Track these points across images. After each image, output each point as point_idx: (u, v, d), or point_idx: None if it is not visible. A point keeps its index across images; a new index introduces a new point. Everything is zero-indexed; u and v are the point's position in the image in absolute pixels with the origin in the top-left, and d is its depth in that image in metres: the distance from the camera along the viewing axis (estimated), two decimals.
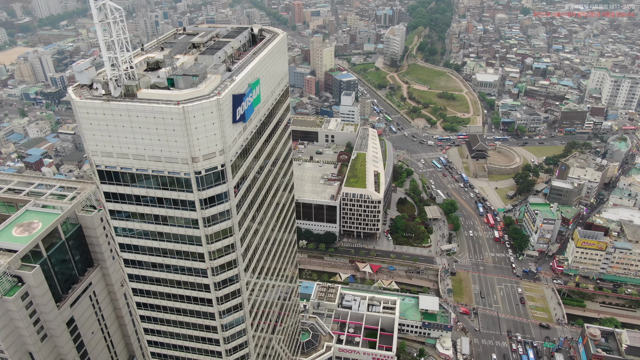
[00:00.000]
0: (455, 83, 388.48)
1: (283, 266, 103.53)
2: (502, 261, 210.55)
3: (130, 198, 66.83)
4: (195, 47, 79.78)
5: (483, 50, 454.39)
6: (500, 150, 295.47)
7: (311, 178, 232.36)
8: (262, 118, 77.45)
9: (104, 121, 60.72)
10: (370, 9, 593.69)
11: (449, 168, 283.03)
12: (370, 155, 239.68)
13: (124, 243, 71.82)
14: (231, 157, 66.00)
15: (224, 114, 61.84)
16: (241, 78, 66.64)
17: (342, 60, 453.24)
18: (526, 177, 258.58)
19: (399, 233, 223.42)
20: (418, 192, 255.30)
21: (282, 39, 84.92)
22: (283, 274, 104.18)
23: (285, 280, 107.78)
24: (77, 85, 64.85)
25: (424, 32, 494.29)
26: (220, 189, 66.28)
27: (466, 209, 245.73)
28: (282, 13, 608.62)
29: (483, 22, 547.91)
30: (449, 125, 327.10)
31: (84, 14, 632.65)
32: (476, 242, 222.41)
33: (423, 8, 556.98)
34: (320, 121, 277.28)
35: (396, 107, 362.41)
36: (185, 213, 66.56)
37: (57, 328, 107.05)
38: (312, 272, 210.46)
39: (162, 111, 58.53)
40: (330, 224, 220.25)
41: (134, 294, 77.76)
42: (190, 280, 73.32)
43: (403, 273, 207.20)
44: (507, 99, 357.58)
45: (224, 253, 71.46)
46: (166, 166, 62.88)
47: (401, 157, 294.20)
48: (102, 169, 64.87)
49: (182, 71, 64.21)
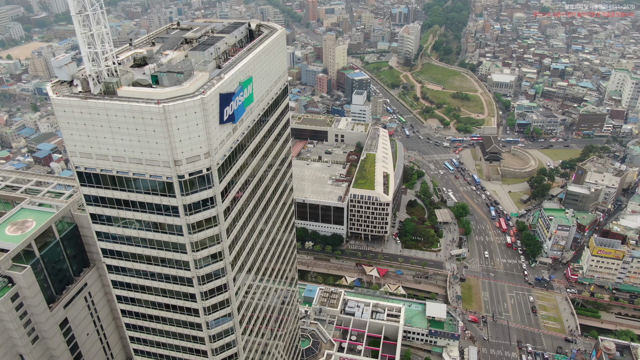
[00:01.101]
0: (470, 83, 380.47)
1: (279, 271, 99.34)
2: (514, 268, 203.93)
3: (111, 202, 63.13)
4: (187, 42, 75.76)
5: (500, 50, 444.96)
6: (514, 152, 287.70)
7: (319, 178, 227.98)
8: (255, 118, 73.17)
9: (81, 120, 56.99)
10: (385, 7, 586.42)
11: (461, 170, 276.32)
12: (380, 156, 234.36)
13: (107, 248, 68.25)
14: (218, 160, 61.85)
15: (209, 114, 57.67)
16: (230, 76, 62.40)
17: (355, 58, 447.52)
18: (541, 181, 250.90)
19: (408, 236, 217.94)
20: (429, 195, 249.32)
21: (280, 34, 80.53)
22: (279, 279, 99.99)
23: (283, 285, 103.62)
24: (57, 82, 61.21)
25: (440, 30, 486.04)
26: (206, 194, 62.20)
27: (478, 212, 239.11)
28: (296, 10, 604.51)
29: (500, 21, 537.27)
30: (463, 126, 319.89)
31: None
32: (487, 247, 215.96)
33: (439, 6, 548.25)
34: (330, 120, 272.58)
35: (409, 107, 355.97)
36: (168, 219, 62.63)
37: (49, 330, 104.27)
38: (317, 274, 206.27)
39: (141, 110, 54.57)
40: (338, 226, 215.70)
41: (119, 301, 74.26)
42: (176, 289, 69.46)
43: (411, 278, 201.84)
44: (523, 100, 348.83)
45: (210, 261, 67.42)
46: (147, 169, 58.96)
47: (412, 158, 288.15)
48: (82, 170, 61.22)
49: (166, 68, 60.20)
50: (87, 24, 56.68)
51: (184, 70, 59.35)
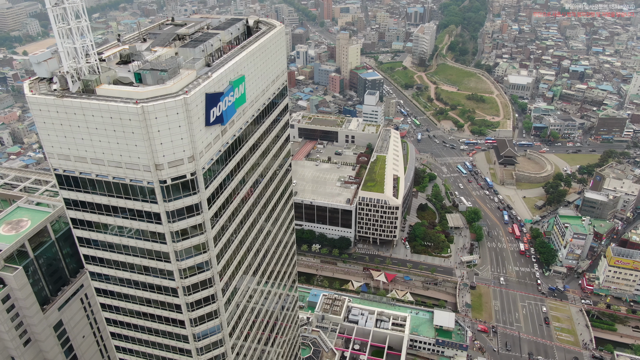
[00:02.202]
0: (486, 85, 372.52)
1: (276, 278, 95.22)
2: (527, 276, 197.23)
3: (91, 206, 59.54)
4: (180, 39, 71.97)
5: (517, 51, 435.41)
6: (530, 156, 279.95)
7: (328, 180, 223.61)
8: (249, 120, 69.05)
9: (57, 120, 53.40)
10: (401, 6, 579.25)
11: (474, 174, 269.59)
12: (391, 158, 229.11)
13: (89, 255, 64.79)
14: (204, 164, 57.83)
15: (193, 115, 53.65)
16: (219, 74, 58.34)
17: (369, 58, 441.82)
18: (557, 186, 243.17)
19: (418, 241, 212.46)
20: (440, 199, 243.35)
21: (278, 31, 76.29)
22: (276, 285, 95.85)
23: (280, 291, 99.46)
24: (36, 79, 57.77)
25: (456, 31, 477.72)
26: (191, 200, 58.21)
27: (491, 218, 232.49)
28: (311, 9, 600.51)
29: (519, 21, 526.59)
30: (477, 128, 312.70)
31: (116, 6, 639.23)
32: (499, 254, 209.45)
33: (456, 6, 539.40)
34: (341, 121, 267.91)
35: (422, 108, 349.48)
36: (150, 226, 58.79)
37: (41, 332, 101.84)
38: (323, 278, 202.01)
39: (118, 110, 50.75)
40: (345, 229, 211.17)
41: (103, 309, 70.82)
42: (161, 299, 65.66)
43: (419, 284, 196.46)
44: (540, 103, 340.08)
45: (196, 271, 63.47)
46: (127, 173, 55.18)
47: (424, 160, 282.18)
48: (60, 172, 57.70)
49: (150, 65, 56.36)
50: (64, 17, 53.01)
51: (168, 68, 55.46)
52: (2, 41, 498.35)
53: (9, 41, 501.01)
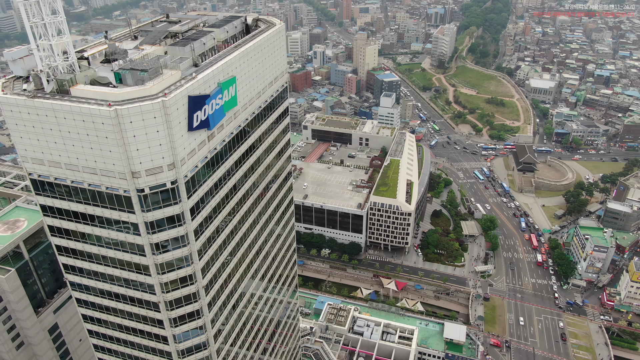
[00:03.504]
0: (506, 88, 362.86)
1: (272, 289, 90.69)
2: (544, 289, 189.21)
3: (68, 214, 55.84)
4: (172, 37, 67.93)
5: (540, 54, 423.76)
6: (550, 163, 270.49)
7: (339, 183, 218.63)
8: (241, 124, 64.67)
9: (30, 122, 49.79)
10: (421, 7, 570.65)
11: (491, 180, 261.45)
12: (405, 162, 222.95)
13: (68, 264, 61.14)
14: (186, 172, 53.62)
15: (173, 119, 49.46)
16: (205, 75, 54.04)
17: (387, 59, 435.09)
18: (578, 195, 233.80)
19: (430, 249, 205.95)
20: (455, 205, 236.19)
21: (277, 30, 71.80)
22: (271, 297, 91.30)
23: (277, 299, 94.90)
24: (11, 78, 54.27)
25: (477, 32, 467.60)
26: (172, 211, 54.08)
27: (507, 227, 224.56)
28: (330, 9, 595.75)
29: (542, 24, 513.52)
30: (496, 133, 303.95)
31: (137, 4, 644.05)
32: (516, 264, 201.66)
33: (478, 7, 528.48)
34: (355, 123, 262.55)
35: (440, 111, 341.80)
36: (129, 237, 54.85)
37: (35, 336, 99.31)
38: (332, 284, 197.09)
39: (90, 113, 46.81)
40: (356, 234, 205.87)
41: (84, 321, 67.22)
42: (142, 314, 61.77)
43: (431, 293, 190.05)
44: (562, 108, 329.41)
45: (179, 285, 59.36)
46: (103, 180, 51.28)
47: (440, 165, 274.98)
48: (35, 177, 54.13)
49: (130, 65, 52.36)
50: (38, 12, 49.29)
51: (149, 67, 51.37)
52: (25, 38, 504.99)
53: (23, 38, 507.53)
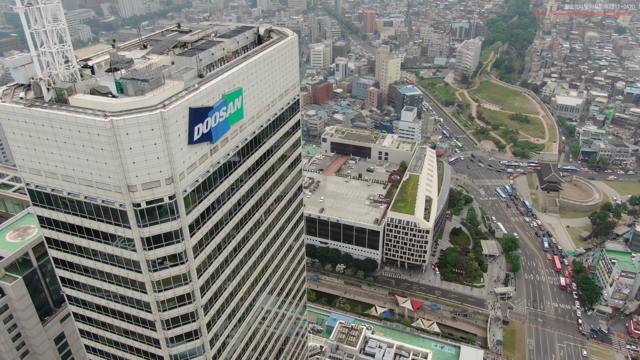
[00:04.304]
0: (532, 104, 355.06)
1: (279, 307, 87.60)
2: (567, 314, 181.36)
3: (65, 226, 54.14)
4: (181, 46, 66.47)
5: (567, 70, 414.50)
6: (576, 183, 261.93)
7: (357, 198, 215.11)
8: (248, 138, 62.41)
9: (26, 131, 48.40)
10: (446, 21, 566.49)
11: (514, 198, 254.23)
12: (424, 177, 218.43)
13: (65, 277, 59.40)
14: (185, 187, 51.40)
15: (172, 131, 47.40)
16: (209, 87, 52.01)
17: (410, 73, 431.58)
18: (605, 217, 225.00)
19: (449, 268, 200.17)
20: (476, 223, 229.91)
21: (289, 41, 69.70)
22: (278, 316, 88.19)
23: (283, 319, 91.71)
24: (12, 85, 53.17)
25: (502, 47, 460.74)
26: (169, 227, 51.85)
27: (530, 247, 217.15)
28: (354, 22, 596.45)
29: (570, 40, 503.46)
30: (520, 150, 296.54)
31: (164, 15, 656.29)
32: (537, 287, 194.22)
33: (504, 22, 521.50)
34: (375, 136, 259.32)
35: (462, 127, 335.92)
36: (125, 252, 52.77)
37: (40, 345, 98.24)
38: (346, 301, 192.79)
39: (86, 124, 45.08)
40: (372, 250, 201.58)
41: (81, 335, 65.35)
42: (139, 331, 59.46)
43: (448, 314, 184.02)
44: (590, 126, 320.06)
45: (177, 304, 56.92)
46: (98, 193, 49.41)
47: (461, 181, 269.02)
48: (33, 188, 52.64)
49: (131, 74, 50.67)
50: (38, 18, 48.08)
51: (150, 77, 49.56)
52: None
53: None
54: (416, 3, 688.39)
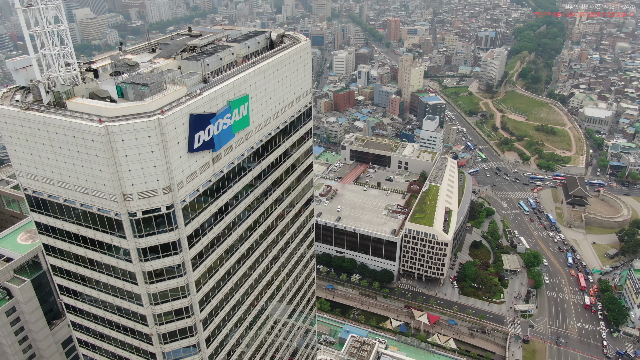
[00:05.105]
0: (558, 116, 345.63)
1: (285, 322, 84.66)
2: (591, 335, 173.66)
3: (62, 233, 52.48)
4: (190, 50, 64.62)
5: (596, 81, 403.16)
6: (603, 198, 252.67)
7: (375, 207, 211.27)
8: (254, 146, 60.01)
9: (23, 135, 46.93)
10: (471, 30, 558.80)
11: (537, 212, 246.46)
12: (445, 188, 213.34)
13: (63, 285, 57.76)
14: (185, 196, 49.14)
15: (170, 138, 45.24)
16: (212, 92, 49.80)
17: (433, 81, 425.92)
18: (634, 234, 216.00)
19: (467, 282, 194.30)
20: (497, 237, 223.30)
21: (301, 47, 67.27)
22: (284, 331, 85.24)
23: (290, 333, 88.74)
24: (13, 88, 51.91)
25: (529, 57, 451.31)
26: (167, 237, 49.64)
27: (553, 264, 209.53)
28: (378, 29, 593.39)
29: (600, 50, 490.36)
30: (545, 162, 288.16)
31: (190, 20, 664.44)
32: (560, 306, 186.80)
33: (531, 32, 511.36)
34: (395, 145, 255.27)
35: (485, 137, 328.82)
36: (120, 263, 50.74)
37: (47, 349, 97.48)
38: (360, 312, 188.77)
39: (81, 129, 43.26)
40: (389, 261, 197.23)
41: (80, 345, 63.57)
42: (135, 344, 57.34)
43: (465, 330, 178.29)
44: (619, 139, 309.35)
45: (174, 318, 54.61)
46: (94, 201, 47.54)
47: (483, 193, 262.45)
48: (30, 193, 51.19)
49: (131, 79, 48.80)
50: (39, 20, 46.65)
51: (150, 82, 47.60)
52: (83, 49, 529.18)
53: (89, 49, 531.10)
54: (442, 11, 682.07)
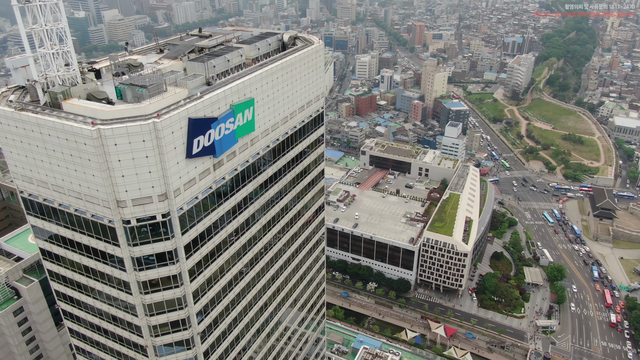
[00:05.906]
0: (586, 125, 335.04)
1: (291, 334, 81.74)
2: (616, 355, 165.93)
3: (57, 239, 50.75)
4: (198, 51, 62.53)
5: (627, 90, 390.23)
6: (633, 211, 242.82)
7: (393, 214, 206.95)
8: (260, 152, 57.43)
9: (17, 136, 45.31)
10: (498, 35, 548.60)
11: (562, 224, 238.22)
12: (465, 197, 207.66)
13: (60, 291, 56.08)
14: (182, 204, 46.79)
15: (166, 143, 42.95)
16: (213, 95, 47.41)
17: (457, 87, 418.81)
18: None
19: (487, 294, 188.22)
20: (519, 248, 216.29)
21: (313, 50, 64.58)
22: (290, 343, 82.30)
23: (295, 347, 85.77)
24: (13, 87, 50.47)
25: (557, 64, 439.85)
26: (162, 247, 47.36)
27: (578, 278, 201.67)
28: (403, 34, 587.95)
29: (632, 58, 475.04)
30: (572, 173, 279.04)
31: (215, 23, 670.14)
32: (584, 323, 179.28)
33: (560, 38, 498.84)
34: (415, 152, 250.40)
35: (510, 145, 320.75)
36: (115, 271, 48.70)
37: (54, 350, 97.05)
38: (375, 322, 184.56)
39: (73, 132, 41.30)
40: (406, 270, 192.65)
41: (77, 352, 61.82)
42: (131, 355, 55.23)
43: (483, 344, 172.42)
44: None
45: (170, 330, 52.29)
46: (87, 206, 45.58)
47: (506, 203, 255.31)
48: (26, 196, 49.59)
49: (130, 80, 46.76)
50: (36, 17, 45.02)
51: (149, 84, 45.45)
52: (110, 49, 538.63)
53: (115, 50, 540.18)
54: (468, 16, 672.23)
